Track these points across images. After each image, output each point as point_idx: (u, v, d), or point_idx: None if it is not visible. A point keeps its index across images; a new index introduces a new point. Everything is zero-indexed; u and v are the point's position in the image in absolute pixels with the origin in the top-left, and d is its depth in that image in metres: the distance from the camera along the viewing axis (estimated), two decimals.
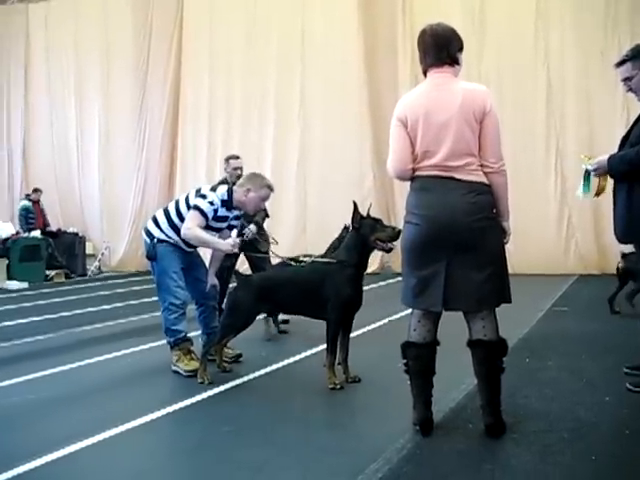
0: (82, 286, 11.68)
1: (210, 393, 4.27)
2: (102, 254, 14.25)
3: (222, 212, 4.84)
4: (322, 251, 5.89)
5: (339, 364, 4.47)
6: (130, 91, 14.52)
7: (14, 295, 10.50)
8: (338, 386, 4.30)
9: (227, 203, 4.83)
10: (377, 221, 4.45)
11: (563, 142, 11.26)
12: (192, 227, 4.73)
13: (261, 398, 4.24)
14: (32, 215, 13.40)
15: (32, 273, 12.15)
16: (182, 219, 4.80)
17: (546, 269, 10.51)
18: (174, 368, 4.87)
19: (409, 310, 5.73)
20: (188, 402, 4.08)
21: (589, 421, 3.47)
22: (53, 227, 13.72)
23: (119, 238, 14.35)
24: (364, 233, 4.37)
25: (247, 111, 13.40)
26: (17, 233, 12.79)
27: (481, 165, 3.22)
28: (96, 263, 14.03)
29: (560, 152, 11.27)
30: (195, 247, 5.03)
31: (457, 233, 3.16)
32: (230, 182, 6.76)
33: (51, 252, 12.95)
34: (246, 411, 3.99)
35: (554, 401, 3.86)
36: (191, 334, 5.02)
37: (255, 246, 6.80)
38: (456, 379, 4.16)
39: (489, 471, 2.86)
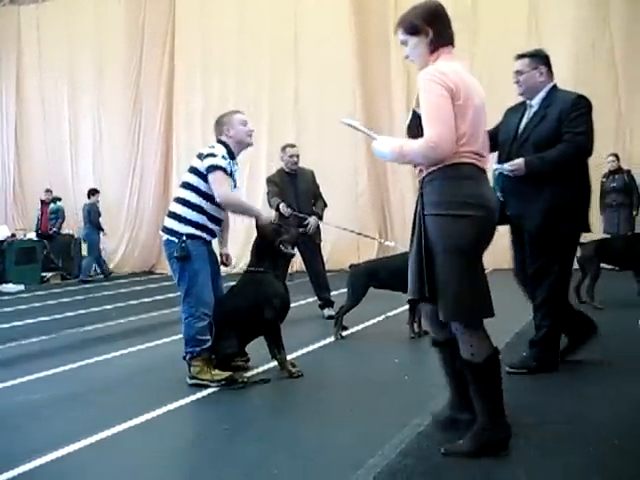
0: (78, 288, 11.68)
1: (207, 392, 4.27)
2: None
3: (232, 166, 4.54)
4: None
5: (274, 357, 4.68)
6: (123, 92, 14.52)
7: (10, 298, 10.49)
8: (301, 373, 4.55)
9: (230, 154, 4.53)
10: (280, 226, 4.85)
11: None
12: (228, 192, 4.41)
13: (257, 396, 4.24)
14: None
15: (28, 275, 12.16)
16: (200, 193, 4.44)
17: None
18: (194, 382, 4.39)
19: (406, 306, 5.80)
20: (186, 401, 4.08)
21: (586, 414, 3.48)
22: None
23: (114, 240, 14.34)
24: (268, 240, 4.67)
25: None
26: (13, 235, 12.78)
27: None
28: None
29: None
30: (214, 236, 4.64)
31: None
32: (289, 170, 6.86)
33: (47, 254, 12.96)
34: (243, 409, 3.99)
35: (551, 394, 3.87)
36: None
37: (314, 240, 6.80)
38: None
39: (486, 465, 2.87)
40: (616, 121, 10.98)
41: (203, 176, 4.44)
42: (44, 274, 12.78)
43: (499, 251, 4.43)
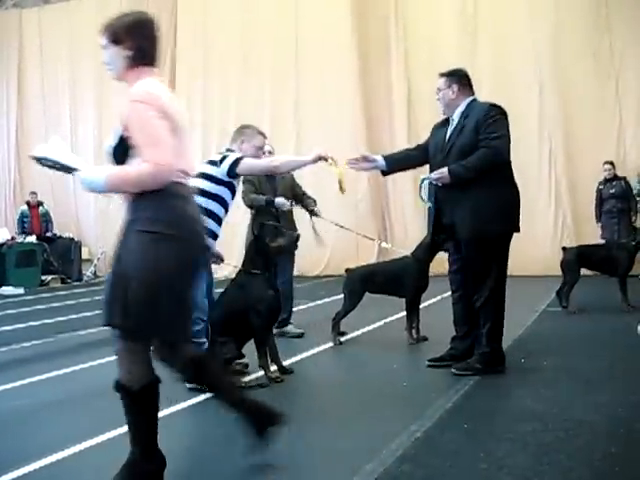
0: (78, 291, 11.68)
1: (204, 396, 4.25)
2: (98, 259, 14.24)
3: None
4: None
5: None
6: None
7: (10, 301, 10.48)
8: (280, 378, 4.54)
9: None
10: (276, 228, 4.84)
11: (556, 143, 11.29)
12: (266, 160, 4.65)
13: None
14: (26, 219, 13.55)
15: (28, 278, 12.16)
16: (208, 195, 4.39)
17: (541, 270, 10.53)
18: (192, 386, 4.21)
19: (403, 312, 5.80)
20: (182, 405, 4.07)
21: (584, 420, 3.48)
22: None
23: (111, 244, 14.31)
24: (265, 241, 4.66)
25: (241, 117, 13.38)
26: (12, 238, 12.78)
27: None
28: (92, 268, 14.04)
29: (553, 153, 11.31)
30: (215, 238, 4.50)
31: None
32: None
33: (47, 257, 12.96)
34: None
35: (549, 401, 3.86)
36: None
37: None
38: (451, 382, 4.17)
39: (484, 471, 2.86)
40: (617, 129, 11.01)
41: (216, 180, 4.43)
42: (44, 277, 12.79)
43: None
